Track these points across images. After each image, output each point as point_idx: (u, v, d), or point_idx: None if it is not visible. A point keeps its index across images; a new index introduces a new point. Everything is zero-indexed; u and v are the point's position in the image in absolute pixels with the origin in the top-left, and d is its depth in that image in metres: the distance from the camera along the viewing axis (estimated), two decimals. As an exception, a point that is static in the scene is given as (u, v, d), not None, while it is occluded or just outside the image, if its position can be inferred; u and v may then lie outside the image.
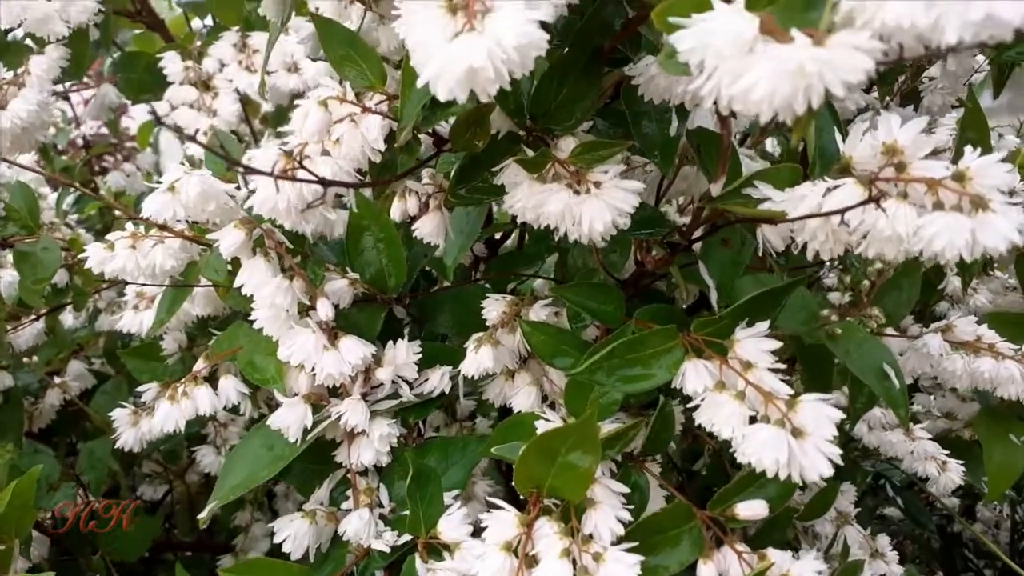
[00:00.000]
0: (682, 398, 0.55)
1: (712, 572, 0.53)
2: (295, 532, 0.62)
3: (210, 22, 1.15)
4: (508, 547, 0.50)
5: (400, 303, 0.70)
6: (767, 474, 0.47)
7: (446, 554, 0.57)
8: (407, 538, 0.60)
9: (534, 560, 0.50)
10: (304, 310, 0.62)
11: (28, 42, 0.87)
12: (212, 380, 0.72)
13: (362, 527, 0.61)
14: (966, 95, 0.85)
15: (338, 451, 0.65)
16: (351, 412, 0.61)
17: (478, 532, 0.55)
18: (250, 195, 0.51)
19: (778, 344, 0.53)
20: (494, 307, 0.67)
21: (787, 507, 0.99)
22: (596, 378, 0.52)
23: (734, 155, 0.56)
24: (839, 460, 0.47)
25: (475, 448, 0.64)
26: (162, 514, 1.13)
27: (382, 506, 0.63)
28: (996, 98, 0.82)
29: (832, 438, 0.47)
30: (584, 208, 0.50)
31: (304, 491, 0.66)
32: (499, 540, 0.50)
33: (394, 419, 0.64)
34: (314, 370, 0.60)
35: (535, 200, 0.52)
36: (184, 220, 0.64)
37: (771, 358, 0.52)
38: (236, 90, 1.00)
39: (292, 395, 0.63)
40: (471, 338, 0.65)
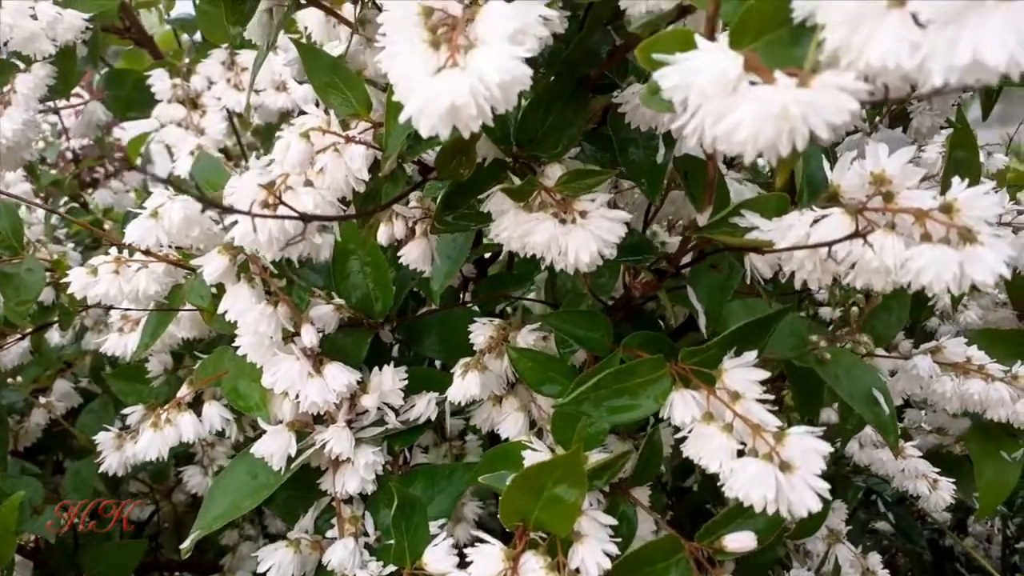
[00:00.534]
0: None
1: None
2: (279, 561, 0.62)
3: (199, 38, 1.15)
4: (494, 582, 0.50)
5: (387, 327, 0.70)
6: (755, 509, 0.46)
7: (432, 585, 0.57)
8: (392, 568, 0.59)
9: (520, 595, 0.49)
10: (289, 336, 0.62)
11: (15, 60, 0.86)
12: (198, 403, 0.71)
13: (347, 556, 0.60)
14: (955, 115, 0.85)
15: (323, 479, 0.64)
16: (336, 440, 0.61)
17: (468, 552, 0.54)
18: (231, 226, 0.51)
19: (766, 374, 0.52)
20: (481, 331, 0.66)
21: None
22: (583, 409, 0.52)
23: (721, 183, 0.55)
24: (827, 495, 0.47)
25: (462, 476, 0.63)
26: (149, 534, 1.12)
27: (367, 535, 0.62)
28: (985, 119, 0.82)
29: (820, 472, 0.47)
30: (570, 238, 0.50)
31: (288, 519, 0.65)
32: (485, 575, 0.50)
33: (380, 446, 0.63)
34: (298, 397, 0.59)
35: (521, 229, 0.51)
36: (168, 245, 0.64)
37: (759, 388, 0.52)
38: (224, 108, 0.99)
39: (276, 422, 0.63)
40: (458, 363, 0.65)
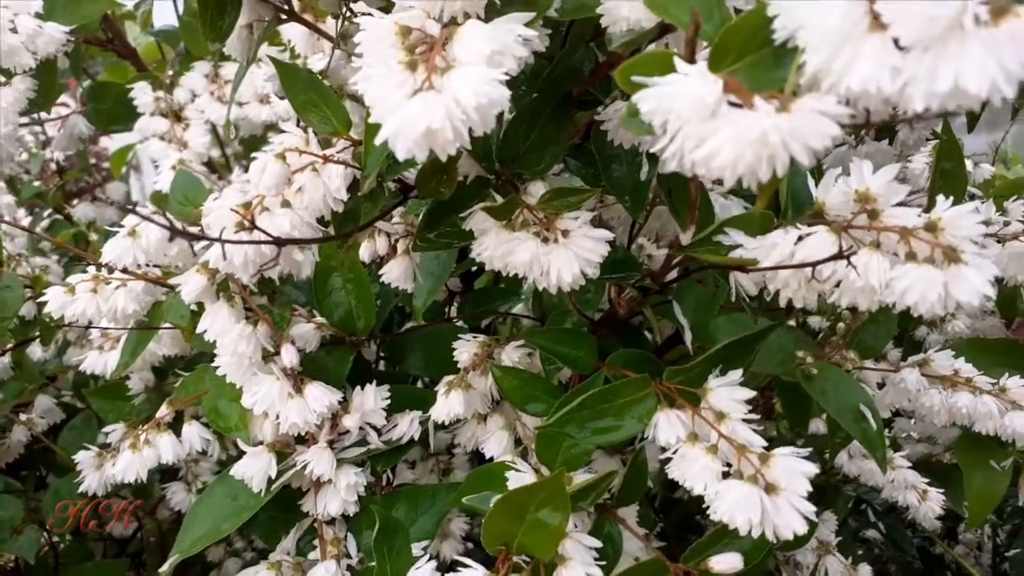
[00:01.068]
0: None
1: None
2: (260, 584, 0.61)
3: (183, 50, 1.14)
4: (477, 607, 0.49)
5: (371, 344, 0.69)
6: (740, 532, 0.46)
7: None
8: (375, 591, 0.59)
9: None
10: (269, 355, 0.61)
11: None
12: (179, 422, 0.70)
13: (329, 579, 0.59)
14: (941, 126, 0.85)
15: (305, 500, 0.63)
16: (317, 461, 0.60)
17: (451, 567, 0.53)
18: (208, 247, 0.50)
19: (751, 393, 0.52)
20: (466, 349, 0.65)
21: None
22: (567, 431, 0.51)
23: (706, 200, 0.55)
24: (813, 516, 0.46)
25: (445, 497, 0.63)
26: (132, 551, 1.10)
27: (349, 556, 0.61)
28: (971, 131, 0.82)
29: (806, 493, 0.47)
30: (552, 258, 0.49)
31: (270, 541, 0.64)
32: (467, 600, 0.49)
33: (362, 467, 0.62)
34: (278, 418, 0.59)
35: (503, 249, 0.51)
36: (147, 264, 0.63)
37: (744, 407, 0.51)
38: (208, 121, 0.98)
39: (257, 443, 0.62)
40: (442, 382, 0.64)
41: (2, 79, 0.85)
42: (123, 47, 1.09)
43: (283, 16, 0.64)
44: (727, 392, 0.52)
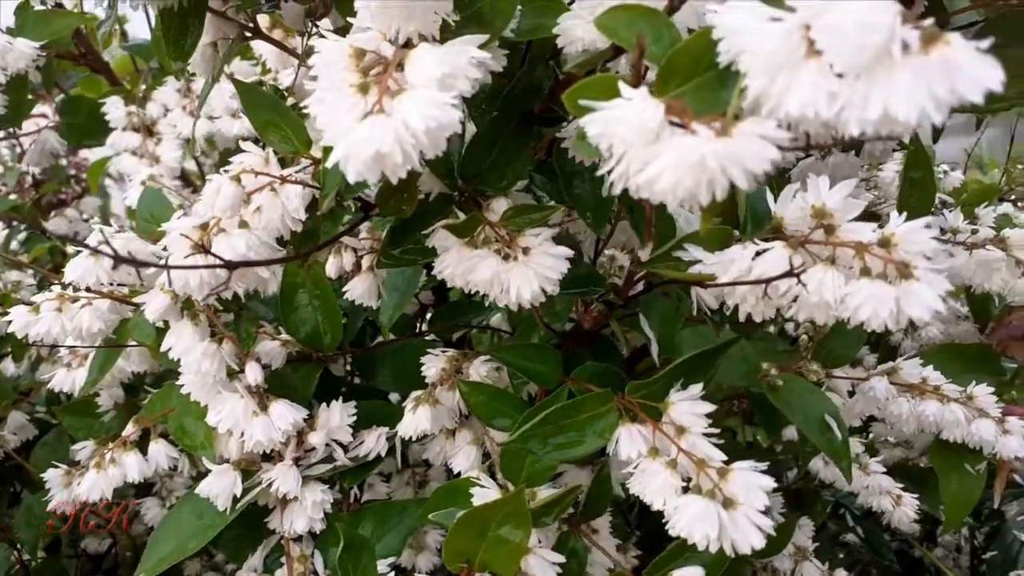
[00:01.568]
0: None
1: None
2: (227, 602, 0.60)
3: (156, 64, 1.13)
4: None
5: (340, 360, 0.69)
6: (698, 547, 0.46)
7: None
8: (342, 609, 0.58)
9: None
10: (234, 373, 0.61)
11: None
12: (147, 439, 0.70)
13: (296, 597, 0.59)
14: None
15: (271, 517, 0.63)
16: (282, 479, 0.60)
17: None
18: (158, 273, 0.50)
19: (712, 407, 0.52)
20: (434, 363, 0.65)
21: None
22: (529, 446, 0.51)
23: (667, 216, 0.55)
24: (771, 531, 0.47)
25: (413, 513, 0.63)
26: (107, 567, 1.09)
27: (316, 574, 0.61)
28: (935, 141, 0.83)
29: (764, 508, 0.47)
30: (512, 276, 0.50)
31: (237, 558, 0.64)
32: (429, 618, 0.49)
33: (328, 484, 0.62)
34: (243, 436, 0.58)
35: (464, 267, 0.51)
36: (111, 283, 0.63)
37: (705, 421, 0.52)
38: (180, 135, 0.98)
39: (223, 461, 0.62)
40: (409, 397, 0.64)
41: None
42: (96, 61, 1.09)
43: (248, 34, 0.64)
44: (688, 406, 0.52)
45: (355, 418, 0.63)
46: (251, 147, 0.51)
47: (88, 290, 0.62)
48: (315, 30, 0.67)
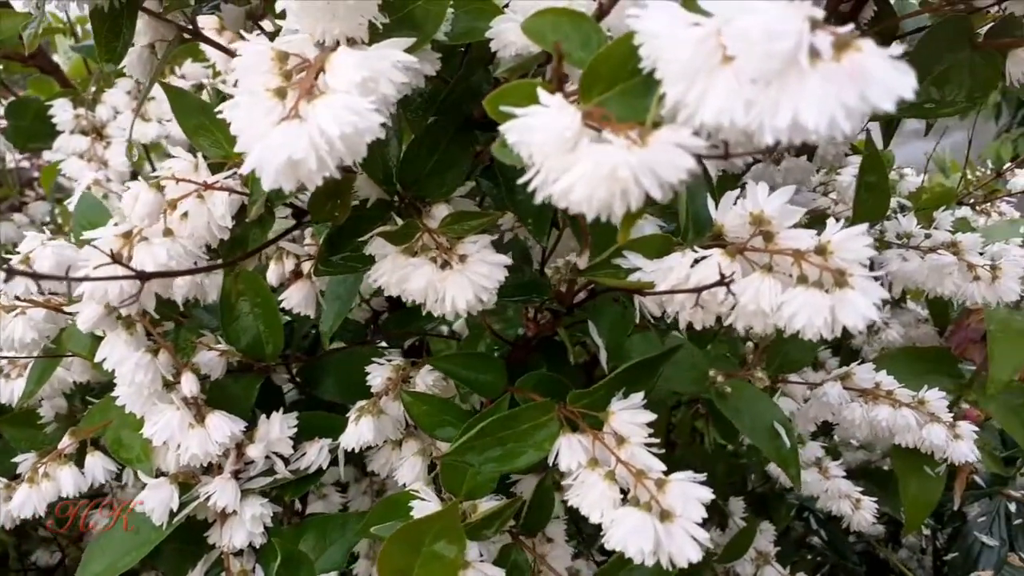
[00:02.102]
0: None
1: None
2: (166, 619, 0.59)
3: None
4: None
5: (283, 369, 0.67)
6: (634, 561, 0.45)
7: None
8: (281, 625, 0.57)
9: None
10: (171, 383, 0.59)
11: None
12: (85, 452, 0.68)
13: (236, 613, 0.58)
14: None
15: (211, 531, 0.62)
16: (220, 492, 0.58)
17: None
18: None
19: (653, 416, 0.52)
20: (379, 373, 0.64)
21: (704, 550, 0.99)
22: (466, 459, 0.50)
23: (606, 223, 0.54)
24: (708, 543, 0.46)
25: (354, 526, 0.61)
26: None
27: (258, 589, 0.60)
28: (885, 147, 0.83)
29: (701, 520, 0.46)
30: (448, 284, 0.49)
31: (176, 574, 0.62)
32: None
33: (269, 497, 0.61)
34: (179, 449, 0.57)
35: (398, 275, 0.50)
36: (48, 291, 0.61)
37: (646, 431, 0.51)
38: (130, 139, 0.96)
39: (161, 474, 0.60)
40: (353, 408, 0.63)
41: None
42: (45, 62, 1.07)
43: (186, 36, 0.62)
44: (629, 415, 0.51)
45: (296, 429, 0.62)
46: (181, 152, 0.50)
47: (17, 299, 0.60)
48: (259, 32, 0.66)
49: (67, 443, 0.65)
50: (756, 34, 0.27)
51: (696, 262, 0.47)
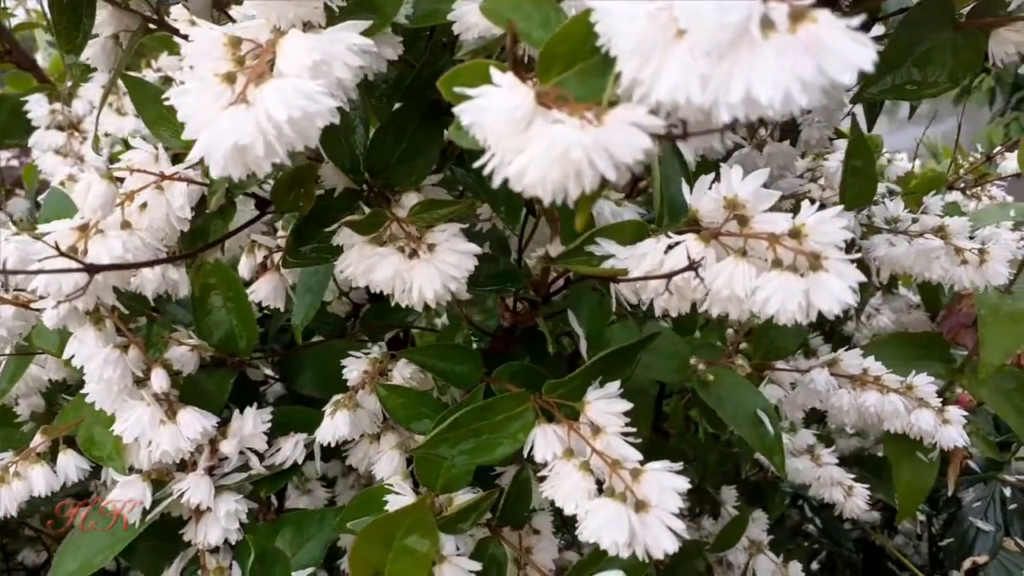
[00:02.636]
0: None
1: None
2: (141, 618, 0.58)
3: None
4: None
5: (260, 363, 0.66)
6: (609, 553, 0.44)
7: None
8: (257, 622, 0.56)
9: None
10: (142, 380, 0.58)
11: None
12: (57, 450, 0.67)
13: (212, 611, 0.57)
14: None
15: (186, 528, 0.61)
16: (194, 489, 0.57)
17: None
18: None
19: (629, 405, 0.51)
20: (355, 366, 0.63)
21: (695, 540, 0.98)
22: (440, 452, 0.49)
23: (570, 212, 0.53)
24: (685, 534, 0.45)
25: (332, 521, 0.60)
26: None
27: (233, 586, 0.59)
28: (869, 130, 0.82)
29: (677, 511, 0.45)
30: (415, 274, 0.48)
31: (151, 572, 0.61)
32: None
33: (244, 493, 0.60)
34: (150, 446, 0.56)
35: (365, 265, 0.49)
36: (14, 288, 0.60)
37: (622, 420, 0.50)
38: (106, 133, 0.95)
39: (134, 471, 0.59)
40: (329, 402, 0.62)
41: None
42: (21, 58, 1.05)
43: (151, 26, 0.61)
44: (605, 405, 0.50)
45: (271, 424, 0.61)
46: (140, 143, 0.49)
47: (-14, 296, 0.59)
48: (227, 20, 0.64)
49: (39, 441, 0.64)
50: (707, 6, 0.26)
51: (670, 248, 0.46)
